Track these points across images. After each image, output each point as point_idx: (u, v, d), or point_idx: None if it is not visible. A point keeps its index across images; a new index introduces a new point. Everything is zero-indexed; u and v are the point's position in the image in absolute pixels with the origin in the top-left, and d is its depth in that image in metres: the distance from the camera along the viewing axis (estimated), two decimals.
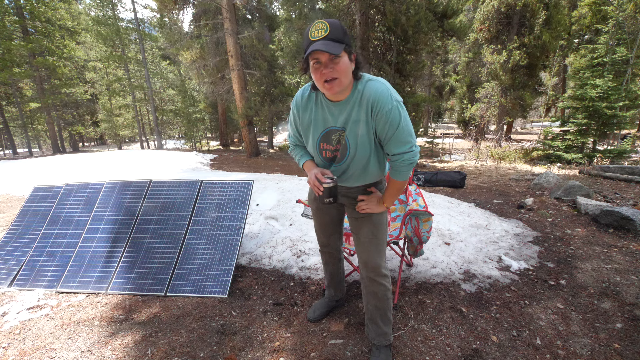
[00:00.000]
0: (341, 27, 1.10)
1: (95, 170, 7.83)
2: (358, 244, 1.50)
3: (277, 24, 12.71)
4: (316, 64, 1.12)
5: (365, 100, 1.19)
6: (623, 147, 8.19)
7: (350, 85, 1.20)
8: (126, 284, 2.22)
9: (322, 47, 1.05)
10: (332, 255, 1.78)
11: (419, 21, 8.43)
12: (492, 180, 6.16)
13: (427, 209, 1.89)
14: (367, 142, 1.26)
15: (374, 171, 1.38)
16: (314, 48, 1.06)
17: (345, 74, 1.13)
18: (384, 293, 1.47)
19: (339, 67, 1.10)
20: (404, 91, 9.55)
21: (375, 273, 1.46)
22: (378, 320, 1.51)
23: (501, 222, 3.41)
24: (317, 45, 1.06)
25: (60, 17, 16.54)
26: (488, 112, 13.90)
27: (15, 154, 16.54)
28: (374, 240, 1.45)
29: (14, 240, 2.60)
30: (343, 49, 1.09)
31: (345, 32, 1.11)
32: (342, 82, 1.13)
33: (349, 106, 1.22)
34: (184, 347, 1.66)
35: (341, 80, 1.13)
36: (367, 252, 1.46)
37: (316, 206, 1.62)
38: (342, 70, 1.11)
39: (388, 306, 1.50)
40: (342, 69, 1.11)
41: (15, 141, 20.94)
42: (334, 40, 1.08)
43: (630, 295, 2.03)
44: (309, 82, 1.30)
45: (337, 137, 1.29)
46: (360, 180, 1.40)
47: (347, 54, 1.13)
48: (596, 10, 13.68)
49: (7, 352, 1.67)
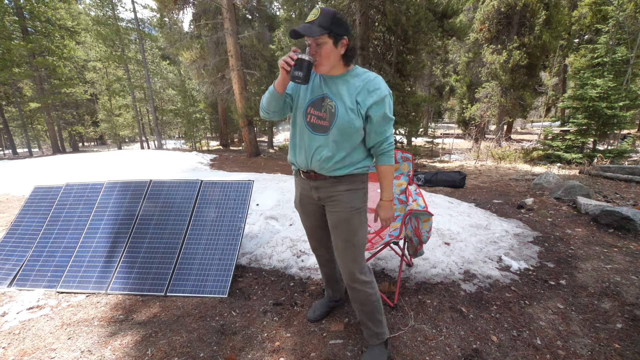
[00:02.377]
0: (331, 16, 1.19)
1: (95, 170, 7.82)
2: (335, 249, 1.49)
3: (277, 24, 12.69)
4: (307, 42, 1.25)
5: (362, 80, 1.29)
6: (623, 147, 8.18)
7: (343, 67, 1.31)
8: (126, 284, 2.22)
9: (299, 28, 1.17)
10: (325, 257, 1.75)
11: (419, 21, 8.42)
12: (492, 180, 6.16)
13: (427, 209, 1.89)
14: (355, 117, 1.29)
15: (359, 158, 1.38)
16: (293, 28, 1.19)
17: (326, 58, 1.24)
18: (365, 298, 1.47)
19: (320, 50, 1.22)
20: (404, 91, 9.53)
21: (351, 280, 1.45)
22: (368, 323, 1.51)
23: (501, 222, 3.41)
24: (299, 27, 1.18)
25: (60, 17, 16.54)
26: (488, 112, 13.90)
27: (15, 154, 16.54)
28: (350, 247, 1.43)
29: (13, 240, 2.60)
30: (326, 34, 1.19)
31: (334, 21, 1.20)
32: (322, 64, 1.25)
33: (344, 81, 1.31)
34: (184, 347, 1.66)
35: (321, 63, 1.25)
36: (341, 259, 1.46)
37: (302, 210, 1.59)
38: (322, 53, 1.23)
39: (375, 309, 1.49)
40: (324, 53, 1.23)
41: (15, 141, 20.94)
42: (318, 25, 1.18)
43: (630, 295, 2.03)
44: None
45: (327, 106, 1.32)
46: (344, 168, 1.36)
47: (333, 40, 1.22)
48: (596, 10, 13.69)
49: (7, 352, 1.66)
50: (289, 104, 1.43)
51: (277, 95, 1.33)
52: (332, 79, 1.33)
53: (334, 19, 1.20)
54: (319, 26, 1.19)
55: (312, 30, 1.18)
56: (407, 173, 2.38)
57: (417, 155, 10.84)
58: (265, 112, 1.42)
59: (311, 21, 1.19)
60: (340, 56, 1.28)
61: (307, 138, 1.36)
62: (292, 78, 1.21)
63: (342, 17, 1.24)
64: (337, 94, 1.32)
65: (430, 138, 13.16)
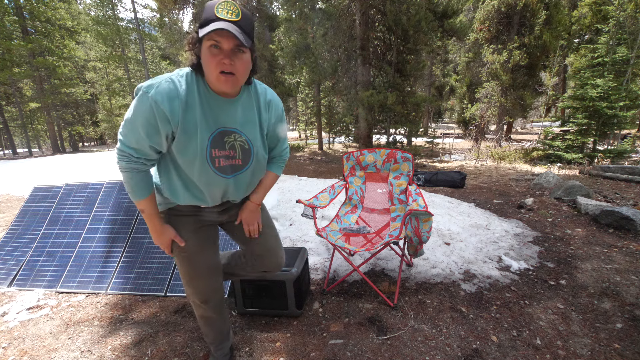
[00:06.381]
0: (252, 21, 0.98)
1: (95, 170, 7.83)
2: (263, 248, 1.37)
3: (277, 24, 12.70)
4: (214, 49, 0.91)
5: (262, 99, 1.12)
6: (623, 147, 8.19)
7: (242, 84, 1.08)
8: (126, 284, 2.22)
9: (234, 31, 0.87)
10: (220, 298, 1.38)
11: (419, 21, 8.43)
12: (492, 180, 6.16)
13: (427, 209, 1.89)
14: (262, 144, 1.15)
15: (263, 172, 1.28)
16: (223, 27, 0.86)
17: (245, 73, 0.99)
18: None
19: (241, 62, 0.95)
20: (404, 91, 9.54)
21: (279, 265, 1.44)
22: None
23: (501, 222, 3.41)
24: (227, 25, 0.88)
25: (60, 17, 16.56)
26: (488, 112, 13.90)
27: (15, 154, 16.54)
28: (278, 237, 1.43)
29: (13, 240, 2.60)
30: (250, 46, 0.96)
31: (253, 28, 0.99)
32: (238, 81, 0.98)
33: (244, 104, 1.08)
34: (183, 347, 1.66)
35: (238, 79, 0.97)
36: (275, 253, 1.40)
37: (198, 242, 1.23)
38: (243, 67, 0.97)
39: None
40: (244, 67, 0.97)
41: (15, 141, 20.94)
42: (244, 31, 0.92)
43: (630, 295, 2.03)
44: (179, 70, 1.01)
45: (232, 141, 1.07)
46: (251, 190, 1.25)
47: (251, 52, 1.00)
48: (596, 10, 13.69)
49: (7, 352, 1.67)
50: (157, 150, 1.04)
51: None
52: (228, 102, 1.04)
53: (253, 26, 0.99)
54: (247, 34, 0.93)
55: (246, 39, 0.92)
56: (407, 173, 2.38)
57: (417, 155, 10.84)
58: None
59: (234, 21, 0.91)
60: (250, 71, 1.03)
61: (215, 182, 1.09)
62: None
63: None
64: (241, 122, 1.07)
65: (430, 138, 13.15)
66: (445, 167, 9.06)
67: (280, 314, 1.87)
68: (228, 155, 1.07)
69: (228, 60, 0.92)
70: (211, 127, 1.02)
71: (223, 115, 1.03)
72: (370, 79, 10.01)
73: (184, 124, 0.97)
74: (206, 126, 1.01)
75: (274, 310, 1.87)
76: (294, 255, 1.97)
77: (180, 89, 0.96)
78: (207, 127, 1.01)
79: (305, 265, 2.03)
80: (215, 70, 0.93)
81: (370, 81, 9.94)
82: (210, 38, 0.90)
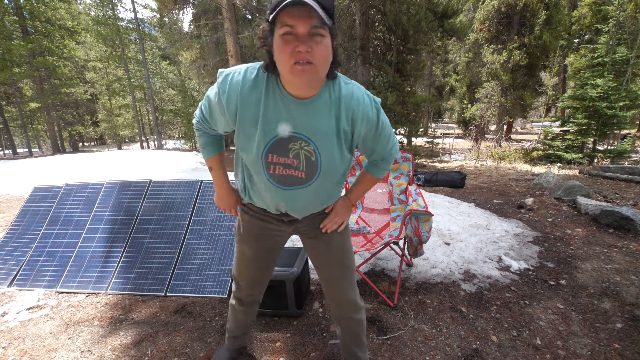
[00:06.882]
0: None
1: (95, 170, 7.83)
2: (326, 278, 1.22)
3: None
4: (288, 35, 0.75)
5: (343, 104, 0.90)
6: (623, 147, 8.19)
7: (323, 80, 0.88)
8: (126, 284, 2.22)
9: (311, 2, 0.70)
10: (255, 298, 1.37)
11: (419, 21, 8.43)
12: (492, 180, 6.15)
13: (427, 209, 1.89)
14: (339, 158, 0.96)
15: (337, 194, 1.13)
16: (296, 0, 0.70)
17: (325, 62, 0.80)
18: (360, 325, 1.28)
19: (319, 48, 0.77)
20: (404, 91, 9.54)
21: (353, 310, 1.23)
22: (355, 350, 1.33)
23: (501, 222, 3.41)
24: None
25: (60, 17, 16.55)
26: (488, 112, 13.90)
27: (15, 154, 16.54)
28: (348, 273, 1.19)
29: (13, 240, 2.60)
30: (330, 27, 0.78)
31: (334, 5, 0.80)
32: (318, 71, 0.79)
33: (320, 108, 0.89)
34: (183, 347, 1.66)
35: (317, 69, 0.79)
36: (342, 290, 1.20)
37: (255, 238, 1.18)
38: (322, 54, 0.78)
39: (364, 332, 1.32)
40: (323, 54, 0.78)
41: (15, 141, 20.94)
42: (322, 8, 0.73)
43: (630, 295, 2.03)
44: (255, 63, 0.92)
45: (297, 149, 0.92)
46: (317, 209, 1.11)
47: (331, 37, 0.81)
48: (596, 10, 13.69)
49: (7, 352, 1.67)
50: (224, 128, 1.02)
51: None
52: (301, 104, 0.87)
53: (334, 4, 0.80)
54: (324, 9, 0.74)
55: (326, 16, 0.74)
56: (407, 173, 2.38)
57: (417, 155, 10.83)
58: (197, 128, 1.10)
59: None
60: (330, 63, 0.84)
61: (271, 191, 0.99)
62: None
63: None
64: (313, 130, 0.90)
65: (430, 138, 13.15)
66: (445, 167, 9.06)
67: (280, 313, 1.87)
68: (290, 165, 0.93)
69: (304, 46, 0.74)
70: (272, 129, 0.89)
71: (290, 118, 0.88)
72: (370, 79, 10.01)
73: (242, 121, 0.90)
74: (267, 126, 0.89)
75: (274, 310, 1.87)
76: (294, 255, 1.97)
77: (246, 76, 0.88)
78: (268, 128, 0.89)
79: (306, 265, 2.03)
80: (288, 62, 0.77)
81: (370, 81, 9.94)
82: (283, 23, 0.74)
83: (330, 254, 1.18)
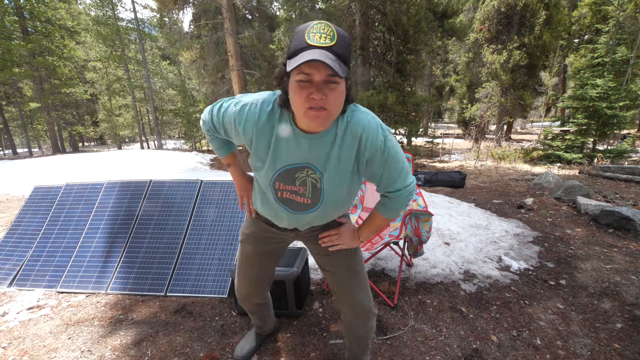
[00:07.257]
0: (349, 42, 0.81)
1: (95, 170, 7.83)
2: (336, 284, 1.22)
3: (277, 24, 12.68)
4: (303, 82, 0.78)
5: (350, 135, 0.92)
6: (623, 147, 8.20)
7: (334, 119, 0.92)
8: (126, 284, 2.22)
9: (328, 60, 0.73)
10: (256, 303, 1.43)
11: (419, 21, 8.44)
12: (492, 180, 6.16)
13: (427, 209, 1.89)
14: (346, 186, 0.99)
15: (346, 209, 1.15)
16: (315, 57, 0.72)
17: (339, 106, 0.84)
18: (370, 330, 1.28)
19: (334, 95, 0.79)
20: (404, 91, 9.54)
21: (367, 317, 1.22)
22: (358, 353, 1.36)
23: (501, 222, 3.41)
24: (320, 54, 0.73)
25: (60, 17, 16.55)
26: (488, 112, 13.90)
27: (15, 154, 16.54)
28: (357, 277, 1.19)
29: (13, 240, 2.60)
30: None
31: (350, 50, 0.83)
32: (330, 116, 0.83)
33: (329, 142, 0.92)
34: (183, 347, 1.66)
35: (330, 113, 0.82)
36: (351, 295, 1.19)
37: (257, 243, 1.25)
38: (336, 100, 0.81)
39: (371, 337, 1.33)
40: (337, 100, 0.81)
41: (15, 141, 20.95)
42: (339, 57, 0.77)
43: (630, 295, 2.03)
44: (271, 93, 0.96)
45: (304, 177, 0.97)
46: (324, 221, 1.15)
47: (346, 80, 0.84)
48: (596, 10, 13.70)
49: (7, 352, 1.67)
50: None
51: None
52: (311, 139, 0.91)
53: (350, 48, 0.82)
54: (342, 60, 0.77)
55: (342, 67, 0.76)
56: None
57: (417, 155, 10.83)
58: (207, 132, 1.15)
59: (329, 46, 0.76)
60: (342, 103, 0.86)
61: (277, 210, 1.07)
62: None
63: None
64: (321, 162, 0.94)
65: (430, 138, 13.14)
66: (445, 167, 9.06)
67: (280, 313, 1.87)
68: (296, 192, 0.99)
69: (319, 94, 0.77)
70: (282, 160, 0.96)
71: (300, 152, 0.93)
72: (370, 79, 10.02)
73: (257, 149, 0.97)
74: (277, 157, 0.96)
75: (274, 310, 1.87)
76: (294, 255, 1.97)
77: (261, 118, 0.93)
78: (279, 159, 0.96)
79: (305, 265, 2.03)
80: (303, 105, 0.80)
81: (370, 81, 9.94)
82: (300, 70, 0.77)
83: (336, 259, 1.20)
